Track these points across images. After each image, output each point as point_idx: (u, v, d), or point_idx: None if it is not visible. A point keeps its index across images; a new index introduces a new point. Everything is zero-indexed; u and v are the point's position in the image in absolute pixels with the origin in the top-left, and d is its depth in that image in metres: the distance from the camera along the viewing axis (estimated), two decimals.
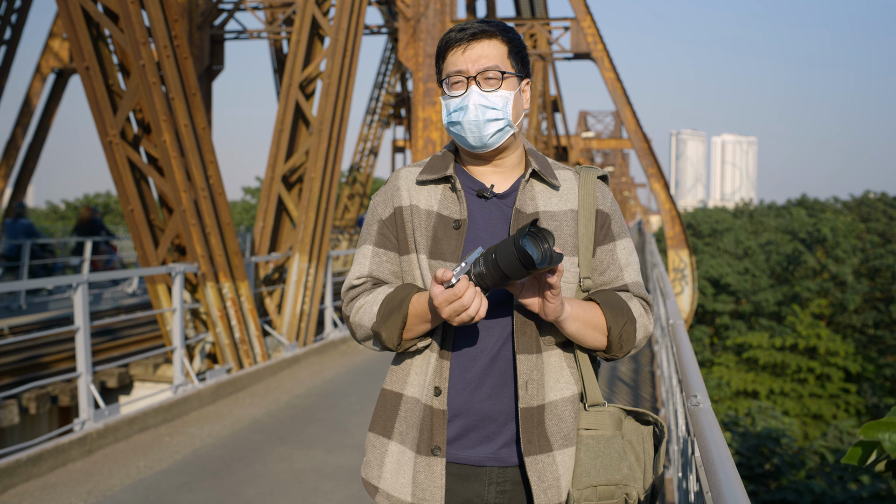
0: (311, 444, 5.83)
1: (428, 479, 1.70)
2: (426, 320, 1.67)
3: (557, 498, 1.69)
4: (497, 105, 1.70)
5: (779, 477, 18.33)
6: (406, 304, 1.69)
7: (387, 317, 1.70)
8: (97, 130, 7.39)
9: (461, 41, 1.72)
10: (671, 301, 5.76)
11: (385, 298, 1.72)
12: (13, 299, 13.44)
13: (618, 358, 1.76)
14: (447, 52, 1.74)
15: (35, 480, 4.98)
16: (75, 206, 55.18)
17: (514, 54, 1.75)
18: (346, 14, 10.28)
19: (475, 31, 1.71)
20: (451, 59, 1.73)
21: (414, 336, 1.71)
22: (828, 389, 34.56)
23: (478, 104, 1.69)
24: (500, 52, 1.72)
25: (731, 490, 1.67)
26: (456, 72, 1.72)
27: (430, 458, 1.70)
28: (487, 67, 1.70)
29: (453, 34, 1.73)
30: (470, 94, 1.70)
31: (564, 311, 1.65)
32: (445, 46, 1.74)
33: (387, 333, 1.70)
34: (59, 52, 17.50)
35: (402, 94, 29.16)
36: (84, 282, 6.01)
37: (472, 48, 1.71)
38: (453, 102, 1.72)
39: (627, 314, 1.72)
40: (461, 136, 1.73)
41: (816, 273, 42.70)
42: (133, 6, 7.27)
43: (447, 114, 1.74)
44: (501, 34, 1.73)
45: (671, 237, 18.80)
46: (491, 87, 1.71)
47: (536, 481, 1.68)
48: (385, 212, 1.82)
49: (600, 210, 1.79)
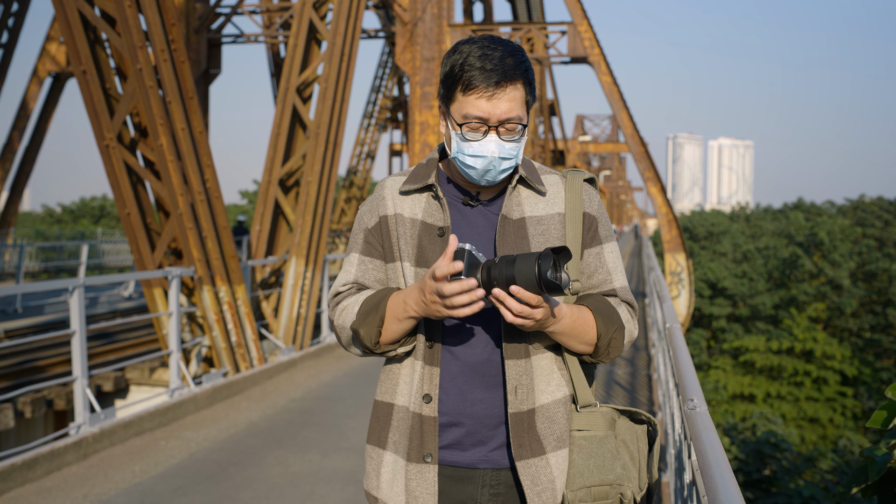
0: (308, 448, 5.82)
1: (420, 486, 1.71)
2: (405, 318, 1.68)
3: (553, 501, 1.69)
4: (513, 154, 1.69)
5: (776, 483, 18.34)
6: (384, 304, 1.70)
7: (365, 315, 1.72)
8: (94, 134, 7.39)
9: (487, 87, 1.63)
10: (668, 305, 5.76)
11: (366, 299, 1.74)
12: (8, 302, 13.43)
13: (602, 363, 1.76)
14: (469, 91, 1.65)
15: (30, 484, 4.97)
16: (71, 209, 55.13)
17: (530, 92, 1.71)
18: (344, 18, 10.29)
19: (500, 79, 1.63)
20: (474, 101, 1.65)
21: (392, 338, 1.72)
22: (824, 393, 34.60)
23: (496, 156, 1.67)
24: (521, 98, 1.67)
25: (728, 494, 1.68)
26: (476, 118, 1.66)
27: (422, 466, 1.71)
28: (510, 119, 1.65)
29: (476, 72, 1.63)
30: (488, 143, 1.66)
31: (558, 319, 1.65)
32: (467, 83, 1.65)
33: (365, 331, 1.71)
34: (56, 55, 17.49)
35: (399, 97, 29.18)
36: (80, 285, 6.00)
37: (497, 98, 1.64)
38: (469, 147, 1.68)
39: (617, 321, 1.73)
40: (471, 175, 1.72)
41: (813, 277, 42.78)
42: (130, 10, 7.27)
43: (460, 152, 1.69)
44: (524, 76, 1.67)
45: (668, 241, 18.82)
46: (511, 137, 1.68)
47: (530, 485, 1.68)
48: (371, 221, 1.83)
49: (587, 213, 1.79)
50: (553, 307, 1.63)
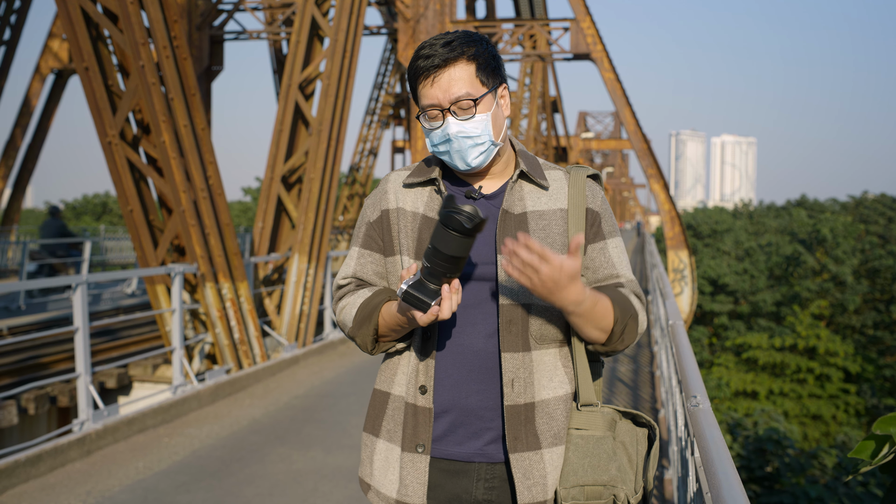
0: (310, 445, 5.82)
1: (411, 475, 1.73)
2: (396, 329, 1.72)
3: (543, 496, 1.69)
4: (475, 131, 1.70)
5: (779, 480, 18.33)
6: (376, 315, 1.75)
7: (360, 325, 1.77)
8: (96, 131, 7.39)
9: (427, 72, 1.69)
10: (671, 301, 5.75)
11: (361, 304, 1.77)
12: (11, 299, 13.45)
13: (616, 352, 1.75)
14: (417, 83, 1.72)
15: (34, 481, 4.98)
16: (74, 206, 55.19)
17: (483, 69, 1.71)
18: (346, 15, 10.28)
19: (438, 62, 1.68)
20: (423, 91, 1.71)
21: (388, 340, 1.78)
22: (827, 390, 34.58)
23: (457, 135, 1.69)
24: (468, 75, 1.69)
25: (731, 491, 1.67)
26: (430, 105, 1.70)
27: (415, 455, 1.73)
28: (459, 97, 1.68)
29: (420, 62, 1.69)
30: (448, 125, 1.70)
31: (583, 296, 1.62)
32: (414, 76, 1.72)
33: (360, 340, 1.78)
34: (58, 52, 17.49)
35: (401, 94, 29.17)
36: (83, 282, 6.00)
37: (439, 79, 1.68)
38: (435, 135, 1.73)
39: (631, 310, 1.72)
40: (451, 162, 1.75)
41: (816, 273, 42.73)
42: (132, 7, 7.27)
43: (431, 145, 1.74)
44: (465, 55, 1.69)
45: (671, 238, 18.81)
46: (466, 115, 1.70)
47: (521, 478, 1.69)
48: (373, 215, 1.86)
49: (590, 208, 1.79)
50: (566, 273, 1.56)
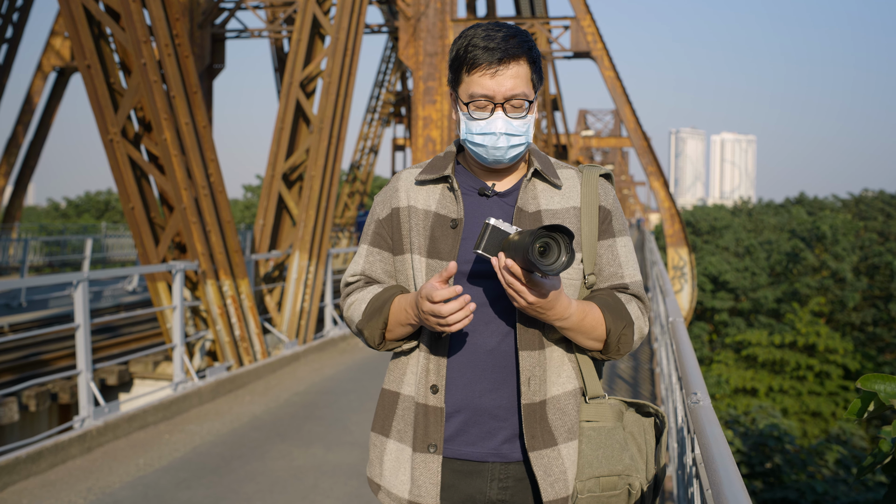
0: (311, 442, 5.84)
1: (424, 475, 1.71)
2: (406, 324, 1.71)
3: (565, 491, 1.69)
4: (522, 131, 1.70)
5: (780, 475, 18.34)
6: (387, 308, 1.74)
7: (369, 317, 1.76)
8: (98, 128, 7.40)
9: (490, 64, 1.65)
10: (671, 299, 5.76)
11: (372, 298, 1.77)
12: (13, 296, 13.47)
13: (613, 359, 1.76)
14: (473, 70, 1.67)
15: (35, 478, 4.99)
16: (76, 203, 55.17)
17: (537, 71, 1.71)
18: (347, 13, 10.28)
19: (503, 56, 1.65)
20: (478, 79, 1.66)
21: (396, 337, 1.76)
22: (827, 387, 34.57)
23: (504, 133, 1.68)
24: (526, 75, 1.68)
25: (732, 487, 1.68)
26: (482, 96, 1.67)
27: (427, 456, 1.71)
28: (515, 95, 1.67)
29: (480, 51, 1.65)
30: (495, 120, 1.68)
31: (568, 312, 1.64)
32: (471, 64, 1.66)
33: (369, 333, 1.77)
34: (60, 50, 17.50)
35: (402, 92, 29.18)
36: (84, 279, 6.01)
37: (501, 74, 1.65)
38: (476, 125, 1.69)
39: (626, 318, 1.72)
40: (481, 155, 1.73)
41: (816, 270, 42.71)
42: (134, 5, 7.27)
43: (468, 132, 1.71)
44: (527, 54, 1.68)
45: (670, 235, 18.82)
46: (518, 114, 1.69)
47: (543, 475, 1.68)
48: (383, 212, 1.84)
49: (602, 206, 1.79)
50: (551, 292, 1.59)
